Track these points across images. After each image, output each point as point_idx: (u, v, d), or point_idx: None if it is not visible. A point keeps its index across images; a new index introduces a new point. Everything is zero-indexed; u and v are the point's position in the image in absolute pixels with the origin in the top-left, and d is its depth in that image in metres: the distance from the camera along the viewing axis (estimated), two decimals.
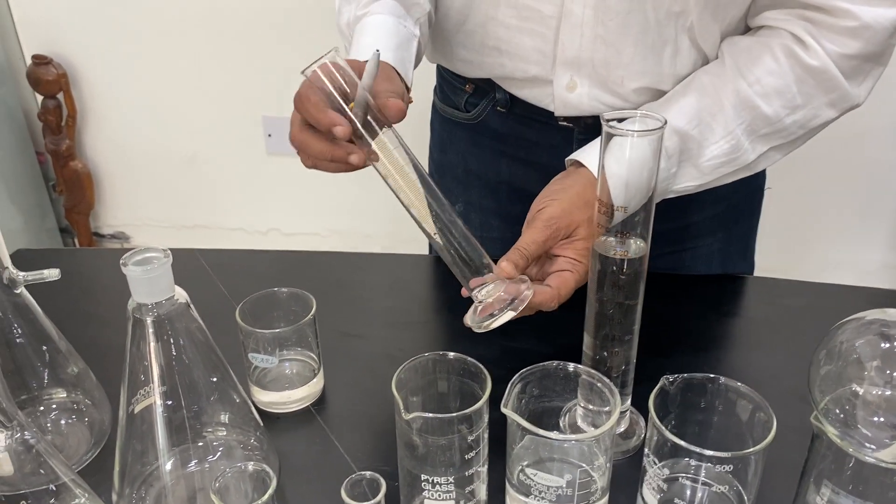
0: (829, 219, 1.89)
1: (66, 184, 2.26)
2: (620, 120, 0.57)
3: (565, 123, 0.86)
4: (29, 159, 2.24)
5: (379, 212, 2.13)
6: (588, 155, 0.74)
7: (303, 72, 0.66)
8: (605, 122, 0.57)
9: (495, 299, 0.65)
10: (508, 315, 0.64)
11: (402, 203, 0.66)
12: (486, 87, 0.90)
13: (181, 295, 0.56)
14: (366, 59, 0.68)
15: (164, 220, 2.35)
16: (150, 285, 0.54)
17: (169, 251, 0.54)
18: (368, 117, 0.65)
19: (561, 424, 0.68)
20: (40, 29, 2.13)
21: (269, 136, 2.12)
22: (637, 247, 0.61)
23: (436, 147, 1.05)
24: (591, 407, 0.64)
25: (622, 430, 0.70)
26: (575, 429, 0.67)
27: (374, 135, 0.65)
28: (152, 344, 0.55)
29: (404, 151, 0.66)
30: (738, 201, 0.95)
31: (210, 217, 2.31)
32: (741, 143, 0.75)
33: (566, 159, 0.77)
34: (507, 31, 0.82)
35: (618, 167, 0.57)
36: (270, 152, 2.15)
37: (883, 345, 0.52)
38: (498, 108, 0.91)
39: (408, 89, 0.75)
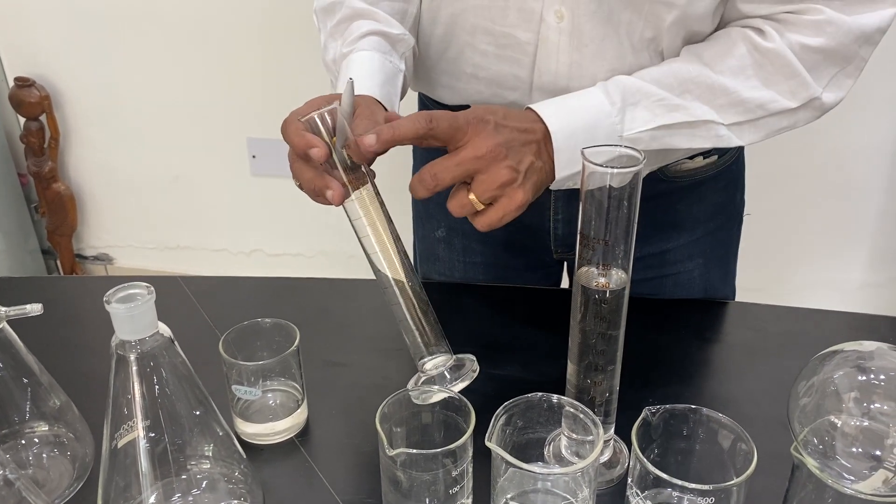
0: (810, 239, 1.91)
1: (49, 206, 2.24)
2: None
3: None
4: (11, 181, 2.23)
5: None
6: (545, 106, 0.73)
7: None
8: (584, 157, 0.57)
9: (438, 374, 0.66)
10: (447, 393, 0.63)
11: (370, 259, 0.66)
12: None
13: (165, 330, 0.56)
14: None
15: (147, 241, 2.34)
16: (134, 322, 0.53)
17: (152, 287, 0.54)
18: (349, 158, 0.65)
19: (545, 454, 0.68)
20: (22, 51, 2.12)
21: (254, 157, 2.12)
22: (618, 277, 0.62)
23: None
24: (574, 437, 0.64)
25: (606, 458, 0.70)
26: (559, 459, 0.67)
27: (357, 173, 0.65)
28: (136, 380, 0.55)
29: (380, 206, 0.66)
30: (717, 226, 0.96)
31: (194, 238, 2.31)
32: (698, 109, 0.74)
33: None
34: (483, 58, 0.83)
35: None
36: (255, 174, 2.15)
37: (860, 377, 0.53)
38: None
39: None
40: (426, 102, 0.98)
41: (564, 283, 1.08)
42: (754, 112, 0.75)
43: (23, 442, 0.69)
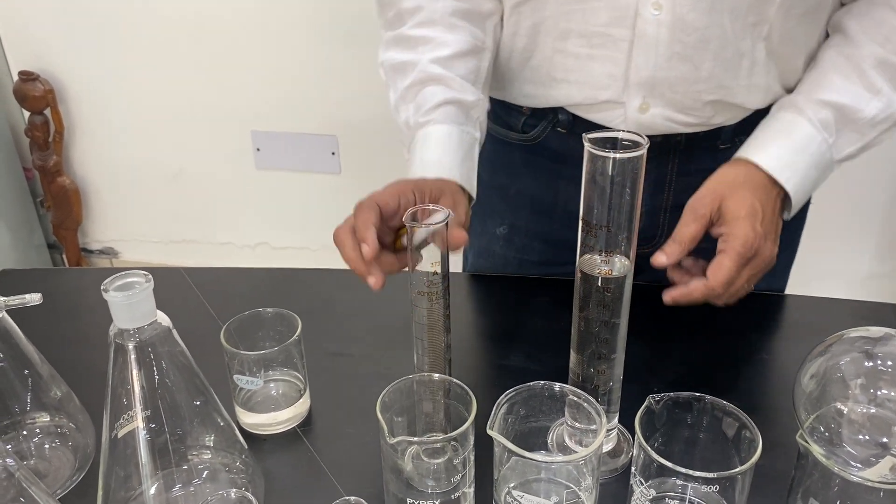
0: (817, 229, 1.90)
1: (54, 200, 2.25)
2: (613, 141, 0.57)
3: (628, 143, 0.86)
4: (16, 175, 2.23)
5: None
6: (737, 152, 0.77)
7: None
8: (586, 142, 0.57)
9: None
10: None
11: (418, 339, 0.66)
12: (546, 110, 0.89)
13: (163, 319, 0.56)
14: (433, 177, 0.75)
15: (152, 235, 2.34)
16: (132, 311, 0.53)
17: (150, 275, 0.54)
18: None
19: (548, 443, 0.67)
20: (27, 45, 2.12)
21: (258, 150, 2.12)
22: (621, 265, 0.61)
23: (484, 167, 0.94)
24: (577, 426, 0.64)
25: (610, 448, 0.69)
26: (562, 448, 0.67)
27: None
28: (134, 369, 0.55)
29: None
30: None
31: (198, 232, 2.31)
32: (891, 98, 0.76)
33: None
34: (576, 61, 0.81)
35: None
36: (259, 167, 2.15)
37: (866, 363, 0.52)
38: (558, 128, 0.89)
39: (471, 199, 0.79)
40: (498, 109, 0.94)
41: None
42: None
43: (24, 433, 0.69)
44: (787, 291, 0.91)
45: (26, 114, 2.16)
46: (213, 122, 2.11)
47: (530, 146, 0.92)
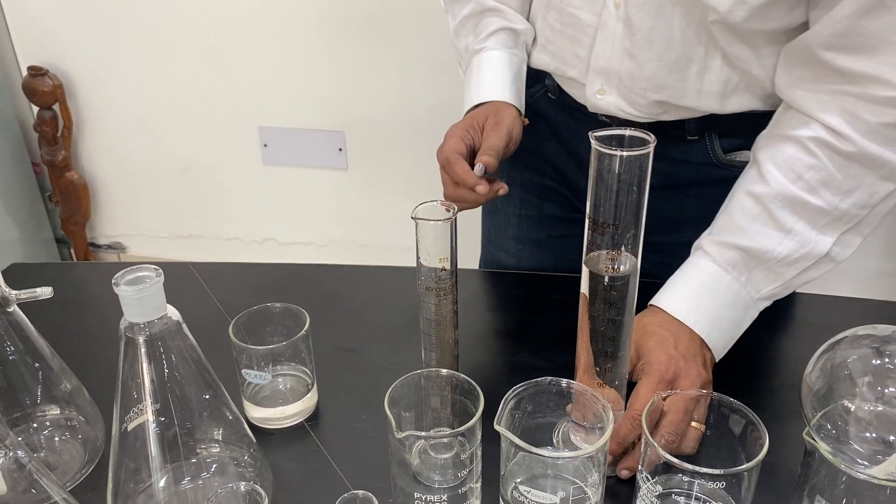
0: None
1: (63, 194, 2.26)
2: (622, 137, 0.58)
3: (605, 118, 0.89)
4: (25, 170, 2.24)
5: (375, 221, 2.13)
6: (660, 295, 0.76)
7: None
8: (593, 140, 0.57)
9: None
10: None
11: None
12: (541, 73, 0.95)
13: (173, 313, 0.56)
14: (483, 100, 0.87)
15: (160, 230, 2.35)
16: (142, 305, 0.53)
17: (160, 270, 0.54)
18: None
19: (554, 439, 0.68)
20: (36, 40, 2.13)
21: (265, 146, 2.12)
22: (628, 263, 0.61)
23: None
24: (584, 423, 0.64)
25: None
26: (568, 444, 0.67)
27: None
28: (144, 363, 0.55)
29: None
30: None
31: (206, 227, 2.31)
32: (806, 237, 0.73)
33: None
34: (552, 33, 0.88)
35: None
36: (266, 162, 2.15)
37: (874, 361, 0.52)
38: (549, 94, 0.95)
39: (520, 113, 0.88)
40: None
41: None
42: (860, 213, 0.74)
43: (35, 425, 0.70)
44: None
45: (35, 109, 2.17)
46: (220, 117, 2.11)
47: (529, 105, 0.96)
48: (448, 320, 0.63)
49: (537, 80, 0.95)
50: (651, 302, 0.76)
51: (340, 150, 2.07)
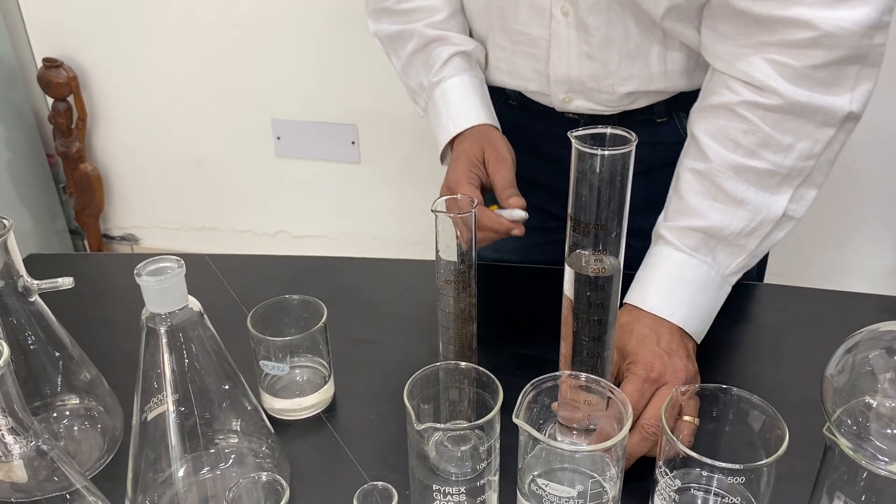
0: (838, 223, 1.89)
1: (76, 186, 2.27)
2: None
3: (572, 115, 0.89)
4: (39, 161, 2.26)
5: (388, 214, 2.14)
6: (631, 293, 0.76)
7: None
8: (573, 139, 0.56)
9: None
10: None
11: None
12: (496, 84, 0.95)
13: (194, 304, 0.57)
14: (464, 129, 0.86)
15: (173, 222, 2.36)
16: (164, 295, 0.54)
17: (182, 261, 0.54)
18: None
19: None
20: (51, 32, 2.14)
21: (279, 138, 2.13)
22: (611, 263, 0.60)
23: None
24: (573, 426, 0.64)
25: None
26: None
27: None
28: (165, 353, 0.56)
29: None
30: None
31: (219, 219, 2.32)
32: (759, 203, 0.73)
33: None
34: (503, 53, 0.88)
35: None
36: (279, 155, 2.15)
37: None
38: (510, 101, 0.95)
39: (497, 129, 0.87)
40: None
41: None
42: (807, 165, 0.73)
43: (55, 414, 0.70)
44: (809, 283, 0.90)
45: (50, 100, 2.18)
46: (234, 110, 2.12)
47: None
48: (467, 313, 0.63)
49: (494, 93, 0.94)
50: (625, 300, 0.75)
51: (353, 143, 2.07)
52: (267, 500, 0.52)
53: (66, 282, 0.64)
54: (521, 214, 0.77)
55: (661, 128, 0.88)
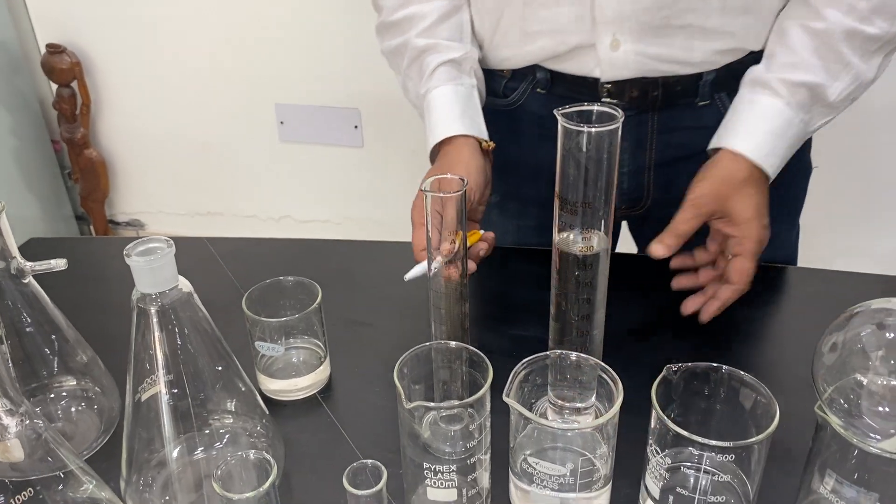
0: (842, 204, 1.87)
1: (82, 172, 2.27)
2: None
3: (608, 100, 0.87)
4: (45, 147, 2.26)
5: (391, 198, 2.13)
6: (725, 137, 0.79)
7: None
8: (559, 116, 0.56)
9: None
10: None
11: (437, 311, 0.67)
12: (524, 70, 0.91)
13: (185, 285, 0.57)
14: (440, 140, 0.86)
15: (178, 207, 2.37)
16: (154, 275, 0.54)
17: (172, 241, 0.55)
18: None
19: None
20: (54, 18, 2.14)
21: (282, 123, 2.13)
22: (600, 241, 0.60)
23: None
24: (564, 403, 0.64)
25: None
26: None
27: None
28: (156, 333, 0.56)
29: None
30: (786, 182, 0.91)
31: (224, 204, 2.33)
32: (860, 69, 0.77)
33: (709, 148, 0.81)
34: (545, 10, 0.84)
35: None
36: (283, 140, 2.15)
37: (888, 335, 0.52)
38: (538, 89, 0.91)
39: (480, 141, 0.85)
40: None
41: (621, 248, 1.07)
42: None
43: (52, 396, 0.71)
44: (812, 265, 0.90)
45: (54, 86, 2.18)
46: (237, 95, 2.12)
47: (512, 111, 0.94)
48: (458, 293, 0.63)
49: (522, 79, 0.92)
50: (731, 146, 0.78)
51: (356, 127, 2.07)
52: (257, 479, 0.52)
53: (59, 263, 0.64)
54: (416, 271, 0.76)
55: (704, 111, 0.87)
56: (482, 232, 0.82)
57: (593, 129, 0.54)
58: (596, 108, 0.56)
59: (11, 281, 0.64)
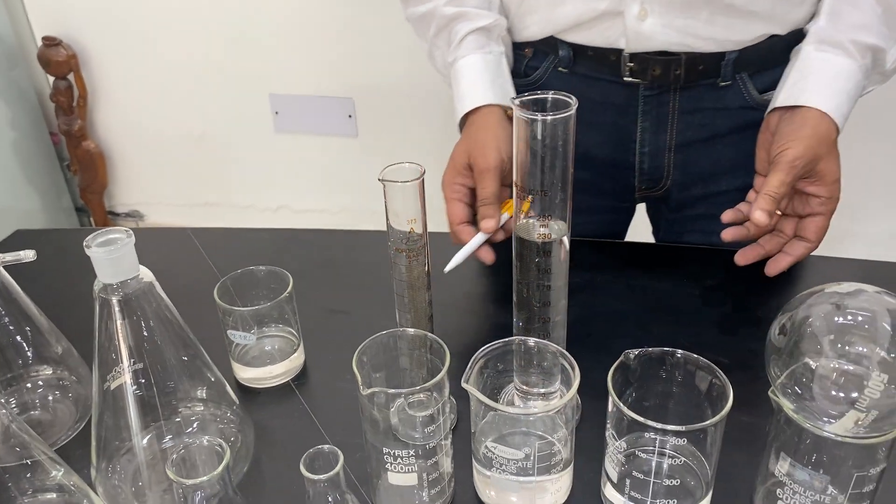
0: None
1: (80, 164, 2.29)
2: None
3: (630, 79, 0.87)
4: (43, 140, 2.28)
5: None
6: (804, 94, 0.78)
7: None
8: (514, 106, 0.56)
9: None
10: None
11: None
12: (546, 49, 0.91)
13: (146, 274, 0.58)
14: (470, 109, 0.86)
15: (176, 198, 2.38)
16: (114, 265, 0.55)
17: (131, 231, 0.55)
18: None
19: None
20: (50, 10, 2.15)
21: (277, 113, 2.13)
22: (558, 228, 0.60)
23: None
24: (530, 388, 0.64)
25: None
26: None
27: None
28: (119, 323, 0.57)
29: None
30: None
31: (221, 195, 2.34)
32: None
33: (773, 106, 0.81)
34: None
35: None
36: (278, 130, 2.16)
37: (837, 319, 0.52)
38: (560, 68, 0.91)
39: (508, 108, 0.85)
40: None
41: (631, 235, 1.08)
42: None
43: (28, 385, 0.72)
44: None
45: (51, 79, 2.20)
46: (232, 85, 2.12)
47: (539, 85, 0.93)
48: (420, 282, 0.64)
49: (544, 57, 0.92)
50: (818, 105, 0.77)
51: (350, 116, 2.07)
52: (217, 464, 0.53)
53: (27, 254, 0.65)
54: (480, 237, 0.78)
55: (725, 92, 0.87)
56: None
57: (548, 118, 0.55)
58: (550, 95, 0.56)
59: None
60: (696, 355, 0.58)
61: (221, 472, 0.48)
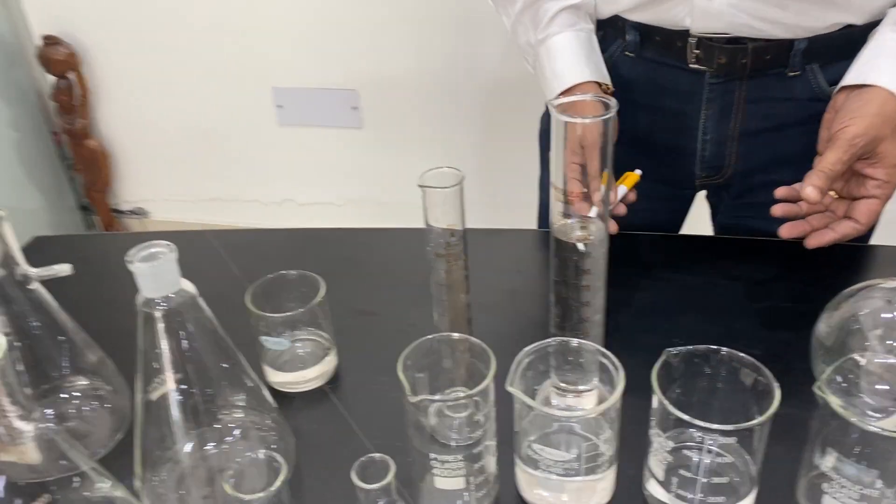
0: None
1: (83, 162, 2.28)
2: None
3: (696, 66, 0.86)
4: (45, 140, 2.27)
5: (391, 179, 2.13)
6: (873, 73, 0.76)
7: None
8: (552, 108, 0.56)
9: None
10: None
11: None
12: (615, 32, 0.91)
13: (188, 287, 0.57)
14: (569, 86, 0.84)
15: (181, 194, 2.37)
16: (157, 280, 0.55)
17: (173, 245, 0.55)
18: None
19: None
20: (48, 9, 2.13)
21: (280, 107, 2.12)
22: (598, 228, 0.60)
23: None
24: (568, 386, 0.65)
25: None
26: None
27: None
28: (163, 336, 0.57)
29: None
30: None
31: (226, 190, 2.33)
32: None
33: (842, 84, 0.78)
34: None
35: None
36: (282, 124, 2.15)
37: (884, 314, 0.52)
38: (627, 52, 0.91)
39: (604, 84, 0.85)
40: None
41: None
42: None
43: (64, 396, 0.72)
44: None
45: (51, 78, 2.18)
46: (235, 80, 2.11)
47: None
48: (459, 284, 0.64)
49: (612, 41, 0.92)
50: (886, 85, 0.75)
51: (355, 108, 2.06)
52: (268, 477, 0.53)
53: (63, 269, 0.65)
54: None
55: (794, 82, 0.85)
56: (638, 172, 0.81)
57: (587, 120, 0.55)
58: (589, 97, 0.56)
59: (18, 288, 0.65)
60: (740, 353, 0.58)
61: (280, 487, 0.48)
